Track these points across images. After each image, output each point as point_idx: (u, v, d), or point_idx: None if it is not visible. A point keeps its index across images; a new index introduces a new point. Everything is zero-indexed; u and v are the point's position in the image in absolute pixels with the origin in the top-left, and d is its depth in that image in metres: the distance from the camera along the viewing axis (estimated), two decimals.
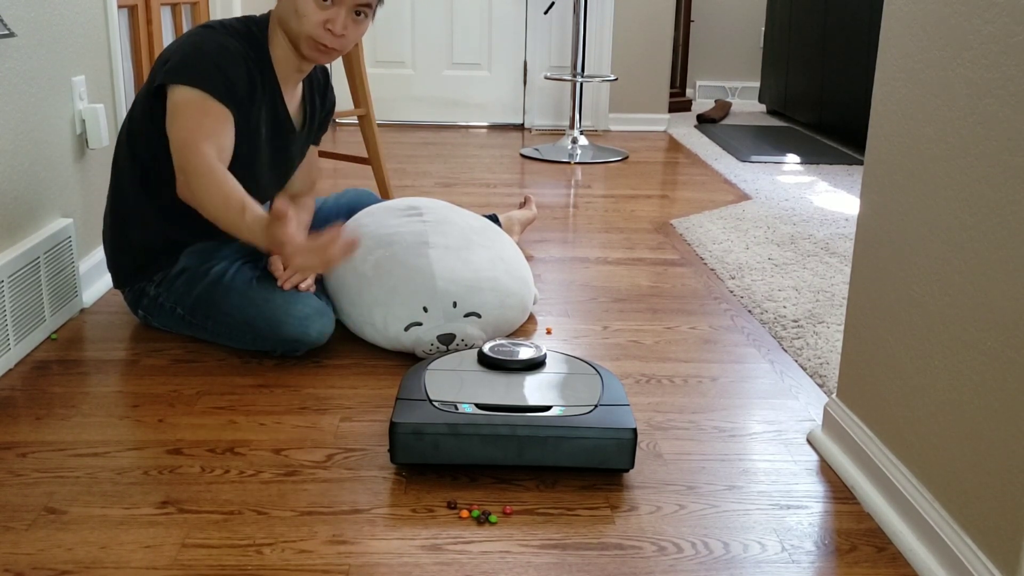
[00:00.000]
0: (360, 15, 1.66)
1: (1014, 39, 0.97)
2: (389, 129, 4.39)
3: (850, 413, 1.36)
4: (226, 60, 1.61)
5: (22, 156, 1.71)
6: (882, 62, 1.28)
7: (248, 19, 1.72)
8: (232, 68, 1.61)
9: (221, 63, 1.60)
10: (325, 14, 1.63)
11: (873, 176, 1.30)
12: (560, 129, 4.41)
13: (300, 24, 1.64)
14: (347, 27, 1.65)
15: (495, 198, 3.09)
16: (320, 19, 1.63)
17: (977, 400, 1.04)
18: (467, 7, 4.44)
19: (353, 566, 1.11)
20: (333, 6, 1.63)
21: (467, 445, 1.30)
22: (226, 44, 1.62)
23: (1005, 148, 0.98)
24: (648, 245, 2.55)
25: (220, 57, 1.60)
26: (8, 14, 1.64)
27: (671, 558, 1.15)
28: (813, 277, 2.25)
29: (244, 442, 1.41)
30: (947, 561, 1.08)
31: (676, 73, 5.19)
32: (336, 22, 1.63)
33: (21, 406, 1.51)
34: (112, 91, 2.14)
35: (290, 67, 1.73)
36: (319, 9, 1.62)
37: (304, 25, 1.63)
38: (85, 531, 1.17)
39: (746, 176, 3.48)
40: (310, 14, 1.62)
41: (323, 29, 1.63)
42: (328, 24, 1.63)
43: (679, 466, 1.37)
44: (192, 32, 1.66)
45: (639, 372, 1.69)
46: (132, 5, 2.57)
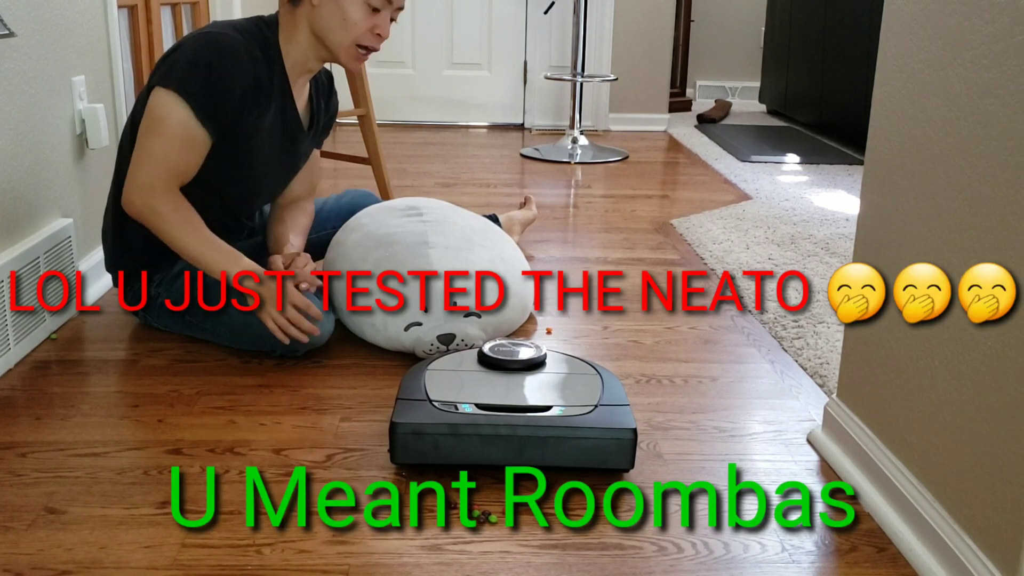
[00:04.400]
0: (393, 20, 1.73)
1: (1014, 39, 0.97)
2: (389, 129, 4.39)
3: (850, 413, 1.36)
4: (226, 69, 1.60)
5: (22, 156, 1.71)
6: (882, 62, 1.28)
7: (259, 19, 1.73)
8: (231, 79, 1.61)
9: (219, 75, 1.60)
10: (374, 20, 1.68)
11: (873, 176, 1.30)
12: (560, 129, 4.41)
13: (348, 33, 1.67)
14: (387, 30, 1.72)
15: (495, 198, 3.09)
16: (370, 25, 1.68)
17: (977, 400, 1.04)
18: (467, 7, 4.44)
19: (353, 566, 1.11)
20: (380, 13, 1.68)
21: (467, 445, 1.29)
22: (232, 48, 1.62)
23: (1005, 148, 0.98)
24: (648, 245, 2.55)
25: (220, 66, 1.60)
26: (8, 14, 1.64)
27: (671, 558, 1.15)
28: (813, 277, 2.25)
29: (244, 442, 1.41)
30: (947, 561, 1.08)
31: (676, 73, 5.19)
32: (384, 27, 1.70)
33: (21, 406, 1.51)
34: (112, 91, 2.14)
35: (302, 68, 1.75)
36: (368, 16, 1.67)
37: (352, 33, 1.67)
38: (85, 531, 1.17)
39: (746, 176, 3.48)
40: (360, 23, 1.67)
41: (373, 35, 1.69)
42: (377, 29, 1.69)
43: (679, 466, 1.37)
44: (198, 33, 1.66)
45: (639, 372, 1.69)
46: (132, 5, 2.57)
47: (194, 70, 1.59)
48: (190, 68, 1.59)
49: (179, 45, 1.65)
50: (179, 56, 1.61)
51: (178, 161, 1.62)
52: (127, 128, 1.74)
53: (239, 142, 1.67)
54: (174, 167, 1.62)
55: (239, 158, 1.71)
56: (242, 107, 1.64)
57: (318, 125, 1.89)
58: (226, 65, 1.61)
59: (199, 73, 1.59)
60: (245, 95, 1.63)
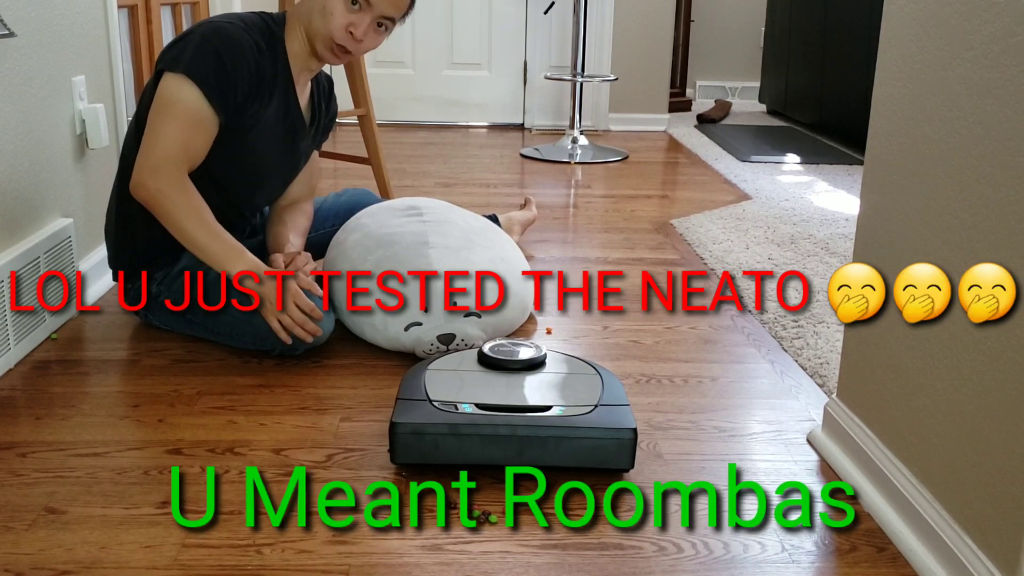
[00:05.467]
0: (382, 27, 1.71)
1: (1014, 39, 0.97)
2: (389, 129, 4.39)
3: (850, 413, 1.36)
4: (232, 57, 1.62)
5: (22, 156, 1.71)
6: (882, 62, 1.28)
7: (264, 13, 1.75)
8: (237, 66, 1.62)
9: (226, 61, 1.61)
10: (351, 17, 1.66)
11: (873, 176, 1.30)
12: (560, 129, 4.41)
13: (324, 22, 1.67)
14: (367, 34, 1.69)
15: (495, 198, 3.09)
16: (345, 22, 1.66)
17: (977, 400, 1.04)
18: (467, 7, 4.44)
19: (353, 566, 1.11)
20: (360, 12, 1.66)
21: (467, 445, 1.30)
22: (237, 38, 1.64)
23: (1005, 148, 0.98)
24: (648, 245, 2.55)
25: (227, 53, 1.62)
26: (8, 14, 1.64)
27: (671, 558, 1.15)
28: (813, 277, 2.25)
29: (244, 442, 1.41)
30: (947, 561, 1.08)
31: (676, 73, 5.19)
32: (359, 27, 1.67)
33: (21, 406, 1.51)
34: (112, 91, 2.14)
35: (303, 64, 1.75)
36: (346, 11, 1.66)
37: (328, 24, 1.66)
38: (85, 531, 1.17)
39: (746, 176, 3.48)
40: (337, 15, 1.65)
41: (345, 32, 1.66)
42: (351, 27, 1.66)
43: (679, 466, 1.37)
44: (203, 23, 1.68)
45: (639, 372, 1.69)
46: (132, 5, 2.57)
47: (203, 55, 1.61)
48: (199, 54, 1.61)
49: (186, 34, 1.66)
50: (187, 43, 1.62)
51: (188, 142, 1.62)
52: (132, 124, 1.74)
53: (243, 132, 1.68)
54: (185, 148, 1.62)
55: (242, 149, 1.71)
56: (247, 95, 1.65)
57: (318, 125, 1.90)
58: (232, 53, 1.62)
59: (208, 58, 1.61)
60: (249, 84, 1.65)
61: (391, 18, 1.70)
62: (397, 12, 1.71)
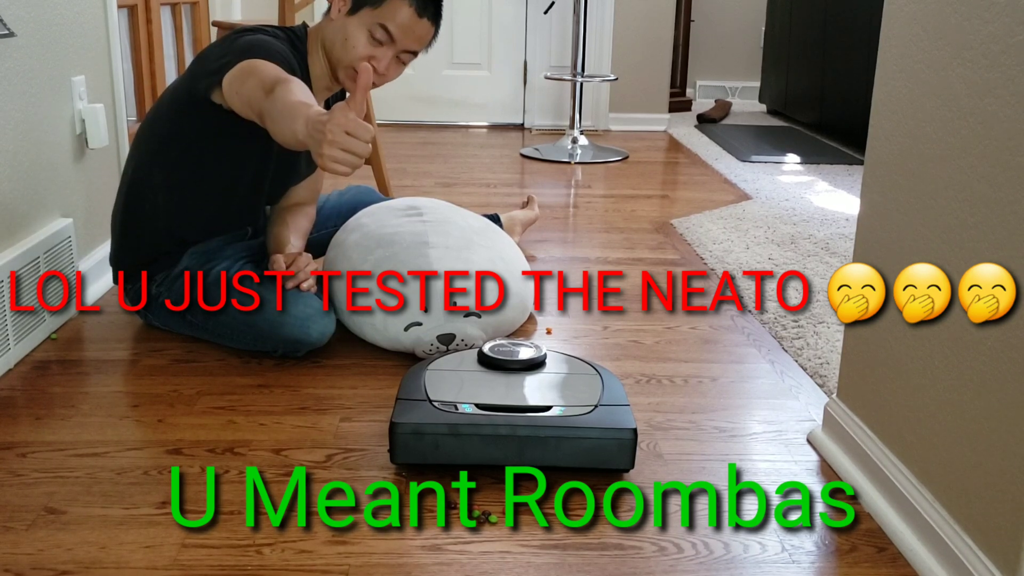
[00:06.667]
0: (403, 60, 1.70)
1: (1014, 39, 0.97)
2: (389, 129, 4.39)
3: (850, 413, 1.36)
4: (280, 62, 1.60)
5: (22, 156, 1.71)
6: (882, 62, 1.28)
7: (287, 29, 1.73)
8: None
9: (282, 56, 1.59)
10: (373, 51, 1.65)
11: (873, 176, 1.30)
12: (560, 129, 4.41)
13: (346, 53, 1.66)
14: (389, 68, 1.68)
15: (495, 198, 3.09)
16: (366, 54, 1.65)
17: (977, 400, 1.04)
18: (467, 7, 4.44)
19: (353, 566, 1.11)
20: (382, 47, 1.65)
21: (467, 445, 1.29)
22: (277, 48, 1.61)
23: (1005, 148, 0.98)
24: (648, 245, 2.55)
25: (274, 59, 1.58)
26: (8, 14, 1.64)
27: (671, 558, 1.15)
28: (813, 277, 2.25)
29: (244, 442, 1.41)
30: (947, 561, 1.08)
31: (676, 73, 5.19)
32: (382, 62, 1.66)
33: (21, 406, 1.51)
34: (112, 91, 2.14)
35: (322, 83, 1.76)
36: (369, 45, 1.65)
37: (350, 55, 1.65)
38: (85, 531, 1.17)
39: (746, 176, 3.48)
40: (359, 47, 1.64)
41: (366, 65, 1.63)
42: (373, 61, 1.65)
43: (679, 466, 1.37)
44: (240, 32, 1.65)
45: (639, 372, 1.69)
46: (132, 5, 2.57)
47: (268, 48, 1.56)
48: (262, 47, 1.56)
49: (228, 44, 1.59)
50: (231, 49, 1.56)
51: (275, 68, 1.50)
52: (145, 126, 1.74)
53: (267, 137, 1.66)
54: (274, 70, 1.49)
55: (261, 151, 1.72)
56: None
57: None
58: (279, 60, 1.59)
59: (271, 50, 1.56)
60: None
61: (414, 52, 1.70)
62: (420, 46, 1.71)
